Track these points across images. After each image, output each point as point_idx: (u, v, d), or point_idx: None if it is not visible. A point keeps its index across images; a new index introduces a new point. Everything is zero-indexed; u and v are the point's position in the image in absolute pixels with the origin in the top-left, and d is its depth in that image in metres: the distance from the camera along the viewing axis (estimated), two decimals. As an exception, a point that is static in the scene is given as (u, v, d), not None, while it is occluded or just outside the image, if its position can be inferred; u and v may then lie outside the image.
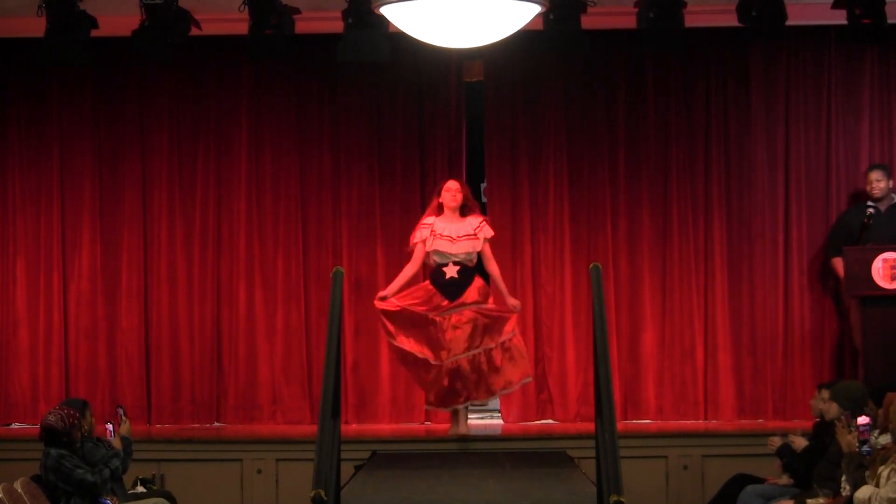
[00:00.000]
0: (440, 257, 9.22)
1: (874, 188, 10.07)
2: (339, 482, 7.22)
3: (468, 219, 9.26)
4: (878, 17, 8.86)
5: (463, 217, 9.27)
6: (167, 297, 10.63)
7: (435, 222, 9.25)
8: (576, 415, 10.47)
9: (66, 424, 7.37)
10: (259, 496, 9.50)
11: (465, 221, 9.25)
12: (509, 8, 7.56)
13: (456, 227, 9.23)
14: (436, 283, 9.25)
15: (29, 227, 10.68)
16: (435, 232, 9.21)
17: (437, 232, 9.21)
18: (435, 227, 9.23)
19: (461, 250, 9.19)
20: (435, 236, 9.19)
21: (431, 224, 9.25)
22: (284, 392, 10.58)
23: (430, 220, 9.28)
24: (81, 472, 7.26)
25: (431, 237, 9.20)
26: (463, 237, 9.20)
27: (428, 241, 9.21)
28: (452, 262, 9.19)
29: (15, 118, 10.73)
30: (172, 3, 8.73)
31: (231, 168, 10.71)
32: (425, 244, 9.22)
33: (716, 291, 10.55)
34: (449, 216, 9.27)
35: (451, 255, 9.19)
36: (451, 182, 9.40)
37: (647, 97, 10.69)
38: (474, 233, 9.20)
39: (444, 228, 9.22)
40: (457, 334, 9.08)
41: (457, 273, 9.19)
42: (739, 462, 9.13)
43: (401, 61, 10.00)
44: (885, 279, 9.47)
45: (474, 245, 9.21)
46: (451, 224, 9.23)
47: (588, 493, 7.14)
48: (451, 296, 9.17)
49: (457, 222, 9.25)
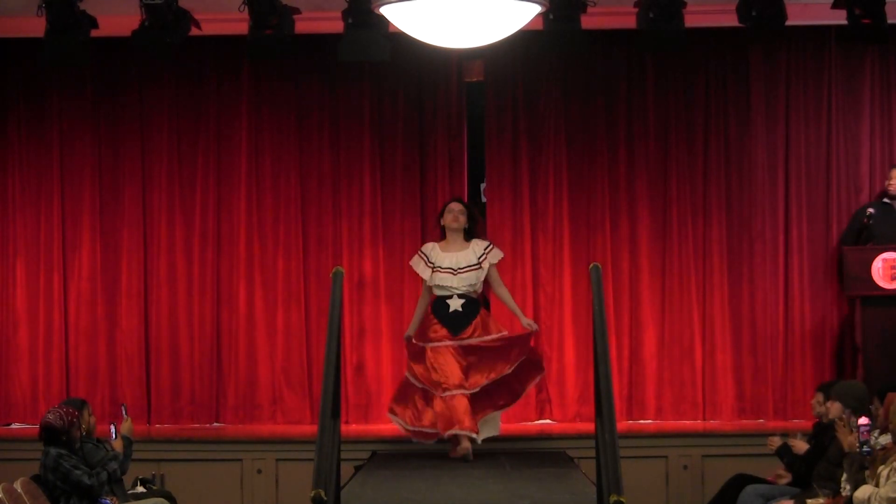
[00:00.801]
0: (441, 290, 8.80)
1: (893, 185, 10.06)
2: (339, 482, 7.22)
3: (472, 244, 8.85)
4: (878, 17, 8.86)
5: (467, 242, 8.86)
6: (167, 297, 10.63)
7: (434, 251, 8.86)
8: (576, 415, 10.48)
9: (65, 423, 7.38)
10: (259, 496, 9.51)
11: (469, 248, 8.84)
12: (509, 8, 7.56)
13: (458, 258, 8.79)
14: (438, 314, 8.80)
15: (29, 227, 10.69)
16: (435, 267, 8.77)
17: (437, 267, 8.77)
18: (434, 258, 8.80)
19: (464, 283, 8.77)
20: (435, 271, 8.77)
21: (426, 255, 8.84)
22: (284, 392, 10.58)
23: (427, 248, 8.91)
24: (79, 474, 7.26)
25: (431, 273, 8.78)
26: (465, 269, 8.78)
27: (430, 277, 8.80)
28: (457, 295, 8.77)
29: (15, 118, 10.73)
30: (172, 3, 8.73)
31: (231, 168, 10.71)
32: (428, 279, 8.81)
33: (715, 291, 10.56)
34: (452, 241, 8.86)
35: (453, 288, 8.77)
36: (453, 203, 8.99)
37: (647, 97, 10.69)
38: (478, 262, 8.79)
39: (445, 260, 8.79)
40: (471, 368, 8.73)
41: (461, 306, 8.77)
42: (739, 462, 9.15)
43: (401, 61, 9.99)
44: (885, 279, 9.48)
45: (479, 275, 8.80)
46: (454, 254, 8.81)
47: (588, 493, 7.15)
48: (455, 328, 8.76)
49: (459, 251, 8.82)
